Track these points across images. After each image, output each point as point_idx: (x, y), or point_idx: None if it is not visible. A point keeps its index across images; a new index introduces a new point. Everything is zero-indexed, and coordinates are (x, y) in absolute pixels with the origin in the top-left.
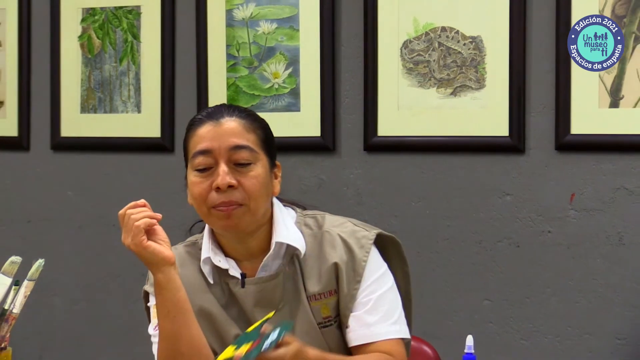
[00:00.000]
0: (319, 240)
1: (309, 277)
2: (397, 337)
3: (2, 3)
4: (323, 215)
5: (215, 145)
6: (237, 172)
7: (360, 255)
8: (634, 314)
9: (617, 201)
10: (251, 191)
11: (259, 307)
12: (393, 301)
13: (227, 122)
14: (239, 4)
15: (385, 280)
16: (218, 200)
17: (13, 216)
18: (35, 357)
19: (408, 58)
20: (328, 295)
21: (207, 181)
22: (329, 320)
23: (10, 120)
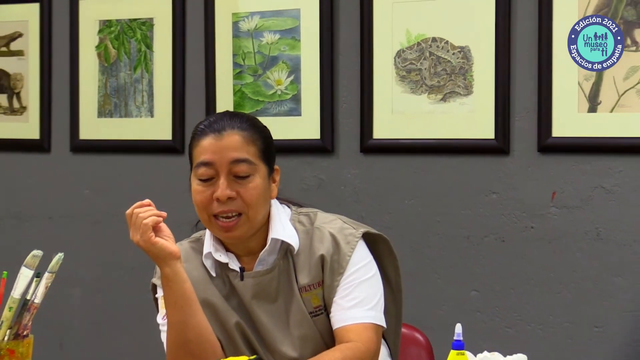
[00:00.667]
0: (310, 236)
1: (301, 271)
2: (370, 322)
3: (25, 15)
4: (315, 213)
5: (217, 158)
6: (236, 183)
7: (345, 250)
8: (610, 304)
9: (595, 199)
10: (249, 201)
11: (256, 298)
12: (371, 290)
13: (229, 135)
14: (245, 16)
15: (366, 271)
16: (218, 209)
17: (35, 213)
18: (55, 344)
19: (401, 66)
20: (317, 286)
21: (208, 190)
22: (319, 310)
23: (32, 124)
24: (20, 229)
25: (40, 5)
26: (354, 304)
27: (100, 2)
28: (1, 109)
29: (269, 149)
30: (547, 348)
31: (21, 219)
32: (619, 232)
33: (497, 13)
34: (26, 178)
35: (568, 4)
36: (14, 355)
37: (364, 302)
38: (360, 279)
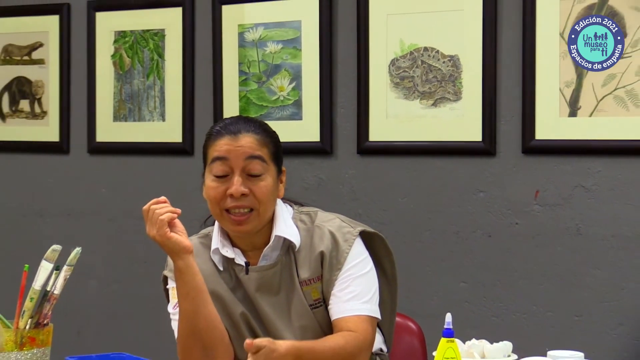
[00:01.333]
0: (311, 233)
1: (301, 266)
2: (366, 314)
3: (46, 26)
4: (316, 212)
5: (232, 156)
6: (249, 181)
7: (343, 247)
8: (589, 295)
9: (575, 197)
10: (261, 198)
11: (260, 291)
12: (367, 285)
13: (244, 137)
14: (250, 27)
15: (362, 267)
16: (231, 204)
17: (55, 210)
18: (73, 332)
19: (395, 74)
20: (316, 281)
21: (222, 186)
22: (318, 302)
23: (52, 127)
24: (41, 225)
25: (60, 17)
26: (351, 297)
27: (115, 14)
28: (23, 114)
29: (278, 152)
30: (531, 335)
31: (42, 215)
32: (598, 228)
33: (484, 24)
34: (46, 178)
35: (550, 17)
36: (35, 343)
37: (360, 296)
38: (357, 274)
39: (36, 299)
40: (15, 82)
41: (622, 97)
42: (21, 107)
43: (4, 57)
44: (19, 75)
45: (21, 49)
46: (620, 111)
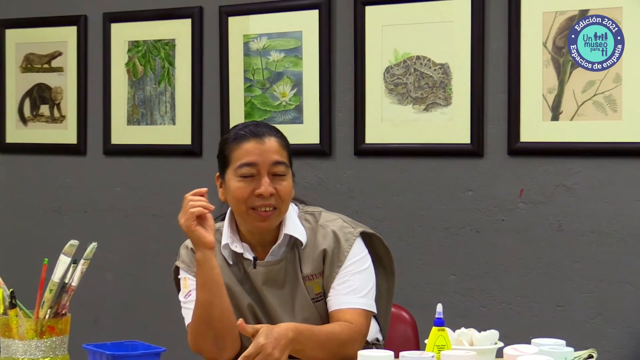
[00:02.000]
0: (315, 232)
1: (305, 262)
2: (362, 308)
3: (64, 37)
4: (320, 212)
5: (260, 160)
6: (274, 181)
7: (344, 246)
8: (570, 287)
9: (557, 196)
10: (284, 197)
11: (266, 285)
12: (364, 281)
13: (269, 141)
14: (254, 37)
15: (361, 264)
16: (258, 202)
17: (72, 208)
18: (90, 321)
19: (389, 81)
20: (318, 276)
21: (249, 187)
22: (320, 296)
23: (70, 130)
24: (60, 221)
25: (78, 28)
26: (348, 291)
27: (129, 26)
28: (43, 118)
29: (291, 154)
30: (516, 324)
31: (60, 212)
32: (578, 224)
33: (472, 35)
34: (65, 177)
35: (533, 28)
36: (54, 331)
37: (357, 291)
38: (355, 271)
39: (55, 291)
40: (36, 88)
41: (601, 102)
42: (41, 112)
43: (26, 65)
44: (39, 82)
45: (41, 57)
46: (599, 115)
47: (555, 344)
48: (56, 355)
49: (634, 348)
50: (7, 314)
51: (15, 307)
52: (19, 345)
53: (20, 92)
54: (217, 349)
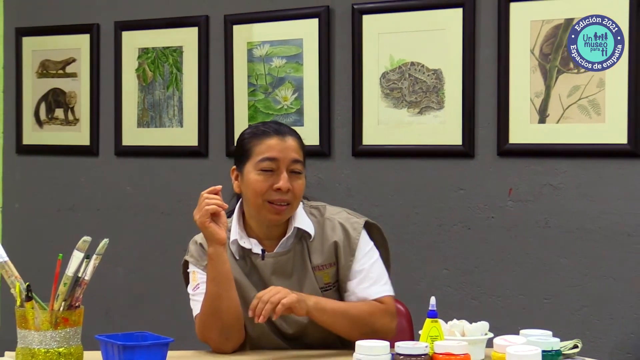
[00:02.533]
0: (322, 225)
1: (314, 253)
2: (387, 295)
3: (78, 44)
4: (324, 206)
5: (281, 156)
6: (290, 178)
7: (354, 236)
8: (556, 280)
9: (544, 194)
10: (298, 194)
11: (275, 275)
12: (380, 269)
13: (290, 139)
14: (257, 45)
15: (373, 254)
16: (275, 196)
17: (85, 206)
18: (102, 313)
19: (385, 86)
20: (328, 267)
21: (268, 181)
22: (328, 286)
23: (83, 132)
24: (73, 219)
25: (90, 35)
26: (371, 282)
27: (139, 33)
28: (58, 121)
29: (305, 157)
30: (505, 316)
31: (74, 210)
32: (564, 221)
33: (464, 42)
34: (79, 177)
35: (522, 36)
36: (68, 323)
37: (378, 280)
38: (370, 262)
39: (69, 284)
40: (51, 93)
41: (585, 106)
42: (56, 115)
43: (41, 71)
44: (54, 87)
45: (56, 64)
46: (584, 119)
47: (543, 335)
48: (70, 345)
49: (617, 338)
50: (24, 307)
51: (31, 299)
52: (35, 335)
53: (37, 97)
54: (222, 339)
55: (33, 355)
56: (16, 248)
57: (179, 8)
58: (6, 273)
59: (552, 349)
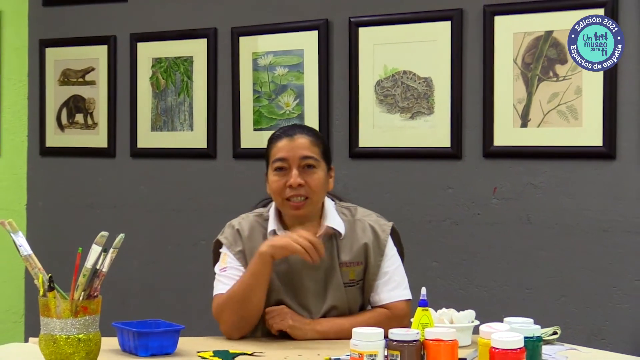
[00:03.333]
0: (352, 225)
1: (342, 250)
2: (405, 299)
3: (96, 54)
4: (355, 207)
5: (290, 155)
6: (304, 173)
7: (382, 237)
8: (537, 272)
9: (525, 193)
10: (313, 187)
11: (305, 269)
12: (402, 273)
13: (298, 138)
14: (262, 55)
15: (397, 258)
16: (290, 193)
17: (103, 203)
18: (119, 302)
19: (380, 92)
20: (355, 265)
21: (282, 179)
22: (353, 283)
23: (101, 135)
24: (92, 215)
25: (108, 46)
26: (395, 285)
27: (153, 44)
28: (78, 125)
29: (327, 152)
30: (490, 305)
31: (93, 207)
32: (544, 217)
33: (452, 52)
34: (97, 177)
35: (505, 46)
36: (87, 311)
37: (400, 284)
38: (395, 266)
39: (88, 276)
40: (72, 99)
41: (564, 111)
42: (77, 120)
43: (63, 79)
44: (75, 94)
45: (76, 72)
46: (563, 123)
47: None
48: (89, 332)
49: (593, 325)
50: (47, 296)
51: (53, 290)
52: (57, 323)
53: (58, 103)
54: (236, 326)
55: (55, 341)
56: (39, 242)
57: (189, 21)
58: (30, 265)
59: (534, 335)
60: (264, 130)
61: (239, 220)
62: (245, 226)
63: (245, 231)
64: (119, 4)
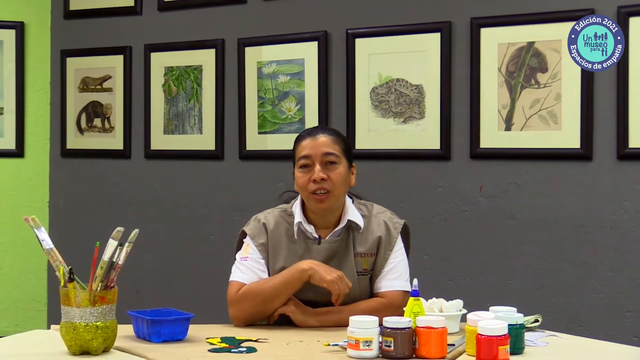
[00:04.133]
0: (369, 220)
1: (359, 243)
2: (403, 290)
3: (113, 63)
4: (372, 204)
5: (313, 152)
6: (327, 169)
7: (394, 234)
8: (520, 264)
9: (509, 191)
10: (335, 182)
11: (325, 260)
12: (406, 267)
13: (320, 137)
14: (266, 64)
15: (402, 253)
16: (314, 187)
17: (120, 201)
18: (133, 292)
19: (375, 99)
20: (369, 256)
21: (307, 175)
22: (365, 272)
23: (118, 138)
24: (109, 212)
25: (124, 56)
26: (396, 276)
27: (165, 54)
28: (96, 129)
29: (348, 150)
30: (477, 295)
31: (110, 205)
32: (526, 214)
33: (442, 62)
34: (113, 176)
35: (490, 56)
36: (104, 300)
37: (401, 276)
38: (399, 259)
39: (105, 268)
40: (91, 105)
41: (545, 116)
42: (95, 124)
43: (82, 87)
44: (93, 100)
45: (95, 80)
46: (543, 127)
47: (508, 311)
48: (106, 319)
49: (570, 312)
50: (67, 287)
51: (73, 281)
52: (76, 311)
53: (78, 108)
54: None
55: (75, 328)
56: (60, 237)
57: (198, 32)
58: (52, 258)
59: (517, 323)
60: (267, 133)
61: (265, 214)
62: (270, 220)
63: (271, 225)
64: (134, 17)
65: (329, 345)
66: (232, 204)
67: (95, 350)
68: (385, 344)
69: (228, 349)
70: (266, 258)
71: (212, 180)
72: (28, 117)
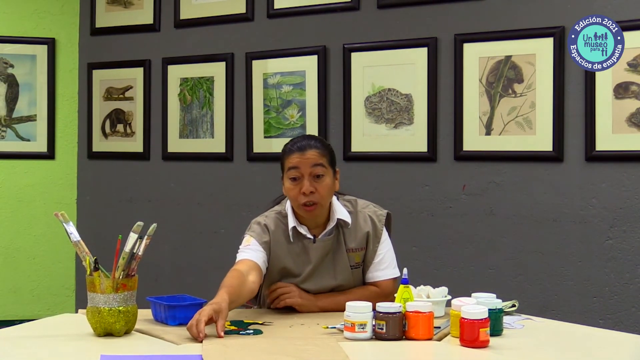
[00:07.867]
0: (356, 216)
1: (349, 238)
2: (393, 277)
3: (134, 75)
4: (355, 200)
5: (302, 166)
6: (315, 181)
7: (379, 227)
8: (499, 255)
9: (489, 190)
10: (323, 194)
11: (321, 256)
12: (392, 255)
13: (309, 151)
14: (271, 75)
15: (389, 243)
16: (304, 199)
17: (140, 198)
18: (152, 280)
19: (368, 106)
20: (359, 250)
21: (297, 187)
22: (358, 265)
23: (138, 142)
24: (130, 208)
25: (144, 68)
26: (385, 266)
27: (180, 67)
28: (119, 133)
29: (333, 158)
30: (459, 282)
31: (131, 201)
32: (505, 210)
33: (429, 73)
34: (134, 176)
35: (472, 68)
36: (126, 287)
37: (390, 265)
38: (386, 249)
39: (126, 258)
40: (114, 112)
41: (521, 122)
42: (118, 129)
43: (106, 96)
44: (116, 108)
45: (118, 90)
46: (519, 132)
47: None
48: (127, 305)
49: (543, 298)
50: (92, 275)
51: (98, 270)
52: (101, 297)
53: (103, 115)
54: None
55: (99, 312)
56: (87, 230)
57: (211, 47)
58: (79, 250)
59: (496, 307)
60: (272, 137)
61: (263, 218)
62: (270, 223)
63: (272, 226)
64: (153, 34)
65: (327, 327)
66: (240, 201)
67: (118, 332)
68: (378, 327)
69: (237, 331)
70: (268, 254)
71: (223, 179)
72: (58, 123)
